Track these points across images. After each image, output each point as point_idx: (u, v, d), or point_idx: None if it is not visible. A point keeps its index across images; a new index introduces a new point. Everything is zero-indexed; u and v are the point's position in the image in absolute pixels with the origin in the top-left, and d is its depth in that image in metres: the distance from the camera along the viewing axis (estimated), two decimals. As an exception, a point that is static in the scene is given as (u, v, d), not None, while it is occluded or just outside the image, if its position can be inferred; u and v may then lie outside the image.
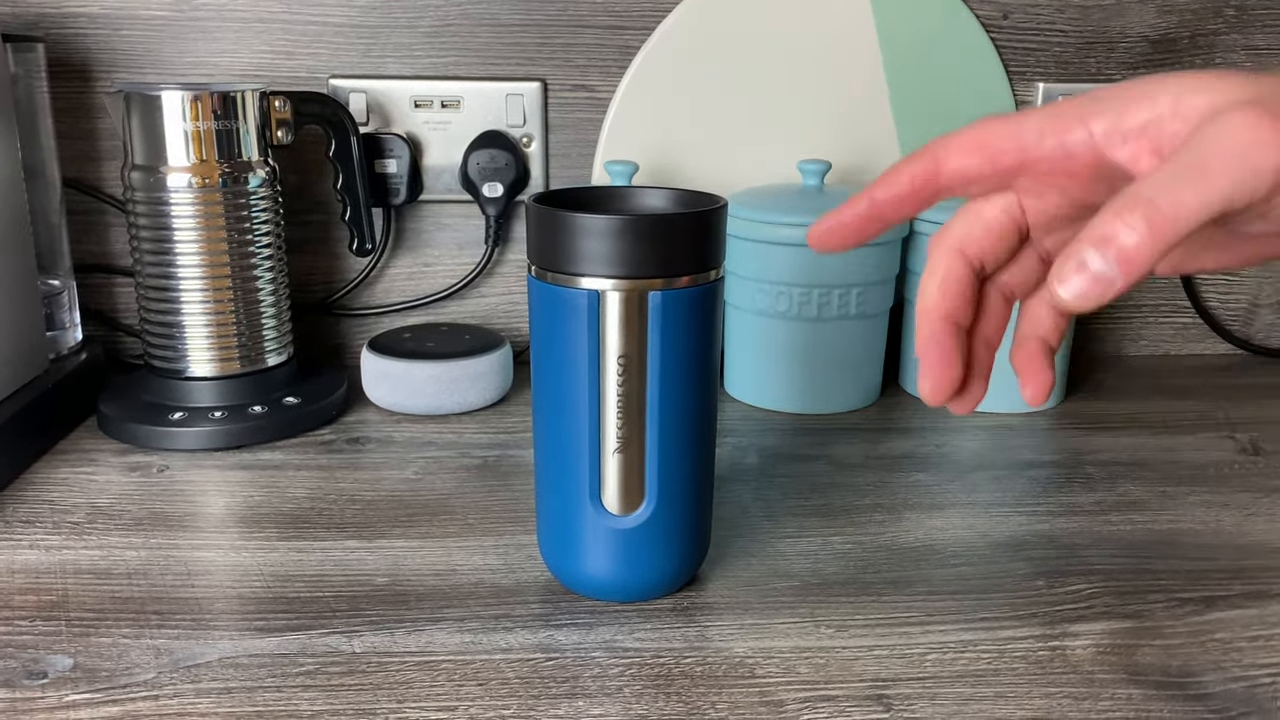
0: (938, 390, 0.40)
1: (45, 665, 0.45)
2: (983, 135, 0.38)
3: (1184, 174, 0.31)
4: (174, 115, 0.67)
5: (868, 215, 0.39)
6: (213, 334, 0.71)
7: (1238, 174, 0.31)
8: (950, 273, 0.40)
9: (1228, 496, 0.63)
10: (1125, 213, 0.31)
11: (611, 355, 0.46)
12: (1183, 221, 0.31)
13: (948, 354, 0.39)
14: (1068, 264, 0.31)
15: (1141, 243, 0.31)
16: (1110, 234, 0.31)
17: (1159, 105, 0.34)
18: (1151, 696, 0.43)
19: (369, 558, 0.54)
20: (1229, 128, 0.32)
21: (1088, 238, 0.31)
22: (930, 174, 0.38)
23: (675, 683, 0.44)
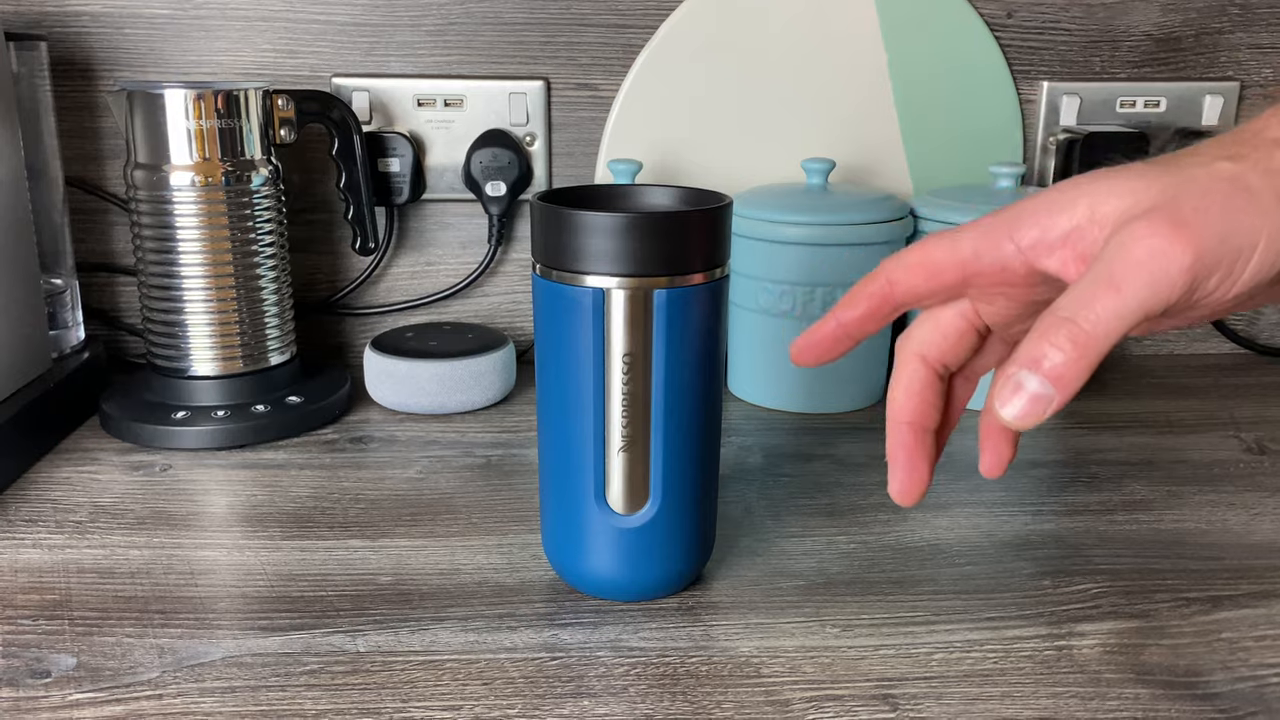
0: (905, 494, 0.43)
1: (49, 664, 0.44)
2: (925, 256, 0.40)
3: (1096, 290, 0.33)
4: (177, 114, 0.67)
5: (835, 335, 0.42)
6: (215, 333, 0.70)
7: (1145, 283, 0.33)
8: (914, 379, 0.42)
9: (1233, 496, 0.63)
10: (1050, 334, 0.33)
11: (616, 354, 0.45)
12: (1103, 336, 0.33)
13: (914, 458, 0.42)
14: (1005, 386, 0.34)
15: (1069, 360, 0.33)
16: (1039, 355, 0.33)
17: (1076, 214, 0.36)
18: (1159, 696, 0.43)
19: (373, 557, 0.54)
20: (1131, 239, 0.33)
21: (1020, 359, 0.34)
22: (885, 295, 0.41)
23: (681, 682, 0.44)
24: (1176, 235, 0.33)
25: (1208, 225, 0.33)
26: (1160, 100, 0.87)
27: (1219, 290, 0.34)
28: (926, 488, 0.43)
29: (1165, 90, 0.86)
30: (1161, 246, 0.33)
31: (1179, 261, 0.33)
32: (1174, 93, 0.87)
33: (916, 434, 0.42)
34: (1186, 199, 0.34)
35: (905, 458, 0.42)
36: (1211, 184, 0.34)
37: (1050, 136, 0.87)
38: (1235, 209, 0.34)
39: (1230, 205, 0.34)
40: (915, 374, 0.42)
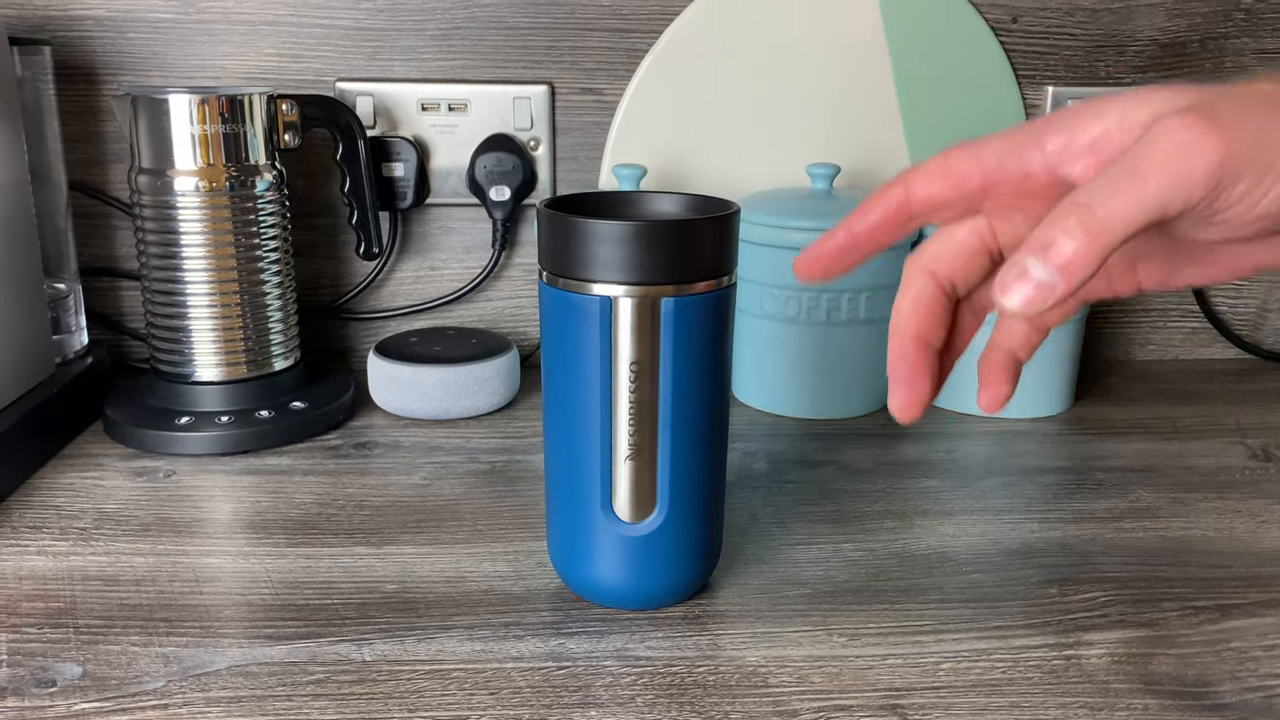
0: (906, 408, 0.41)
1: (54, 673, 0.44)
2: (946, 162, 0.39)
3: (1118, 179, 0.32)
4: (181, 119, 0.67)
5: (846, 246, 0.40)
6: (219, 338, 0.70)
7: (1170, 177, 0.31)
8: (921, 293, 0.41)
9: (1239, 503, 0.63)
10: (1062, 220, 0.32)
11: (624, 362, 0.45)
12: (1118, 227, 0.31)
13: (915, 372, 0.40)
14: (1010, 272, 0.32)
15: (1079, 248, 0.31)
16: (1049, 241, 0.32)
17: (1106, 120, 0.35)
18: (1168, 707, 0.43)
19: (378, 564, 0.54)
20: (1163, 133, 0.32)
21: (1028, 246, 0.32)
22: (901, 202, 0.39)
23: (688, 692, 0.44)
24: (1209, 130, 0.31)
25: (1244, 129, 0.32)
26: (1165, 105, 0.86)
27: (1242, 203, 0.33)
28: (927, 404, 0.41)
29: (1170, 95, 0.86)
30: (1192, 140, 0.31)
31: (1208, 156, 0.31)
32: (1179, 98, 0.86)
33: (920, 348, 0.40)
34: (1223, 103, 0.33)
35: (907, 372, 0.40)
36: (1250, 96, 0.33)
37: (1055, 141, 0.87)
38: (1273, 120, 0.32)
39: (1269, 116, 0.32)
40: (923, 289, 0.41)
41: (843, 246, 0.40)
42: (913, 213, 0.40)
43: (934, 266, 0.41)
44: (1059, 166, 0.36)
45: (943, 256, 0.41)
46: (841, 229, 0.40)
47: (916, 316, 0.40)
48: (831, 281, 0.42)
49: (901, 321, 0.41)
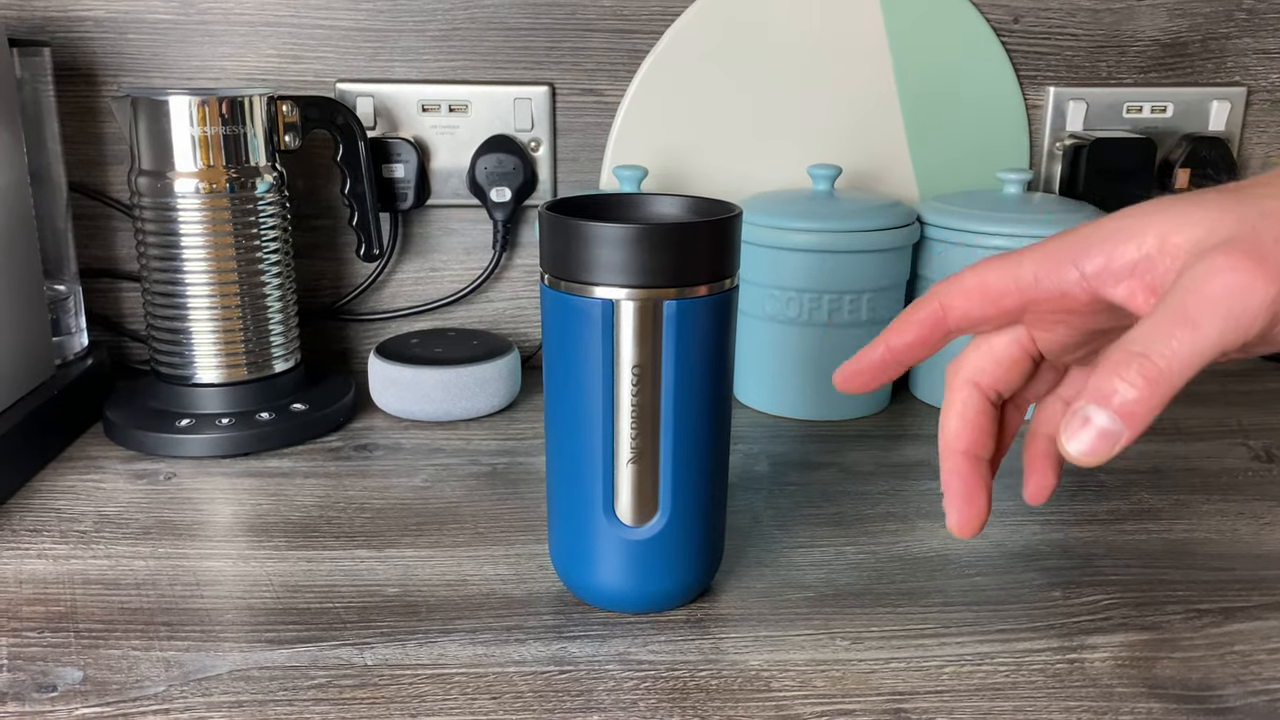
0: (964, 525, 0.41)
1: (54, 678, 0.44)
2: (983, 280, 0.39)
3: (1173, 325, 0.32)
4: (181, 120, 0.67)
5: (885, 361, 0.41)
6: (220, 340, 0.70)
7: (1224, 321, 0.32)
8: (968, 407, 0.41)
9: (1243, 505, 0.63)
10: (1122, 368, 0.32)
11: (626, 365, 0.45)
12: (1178, 373, 0.32)
13: (971, 488, 0.41)
14: (1074, 420, 0.32)
15: (1140, 397, 0.32)
16: (1110, 390, 0.32)
17: (1146, 244, 0.35)
18: (1172, 711, 0.43)
19: (379, 567, 0.54)
20: (1211, 273, 0.32)
21: (1090, 394, 0.32)
22: (938, 320, 0.40)
23: (690, 696, 0.44)
24: (1258, 270, 0.32)
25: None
26: (1167, 106, 0.86)
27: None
28: (986, 518, 0.41)
29: (1172, 96, 0.86)
30: (1242, 282, 0.32)
31: (1260, 297, 0.31)
32: (1181, 98, 0.86)
33: (973, 463, 0.41)
34: (1266, 230, 0.33)
35: (963, 487, 0.41)
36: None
37: (1057, 142, 0.87)
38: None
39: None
40: (969, 401, 0.41)
41: (880, 362, 0.41)
42: (949, 329, 0.40)
43: (977, 378, 0.41)
44: (1099, 289, 0.36)
45: (984, 368, 0.41)
46: (880, 345, 0.41)
47: (967, 431, 0.41)
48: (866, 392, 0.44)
49: (951, 438, 0.41)
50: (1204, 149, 0.85)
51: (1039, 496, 0.43)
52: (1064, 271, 0.37)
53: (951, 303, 0.40)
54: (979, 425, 0.41)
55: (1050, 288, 0.38)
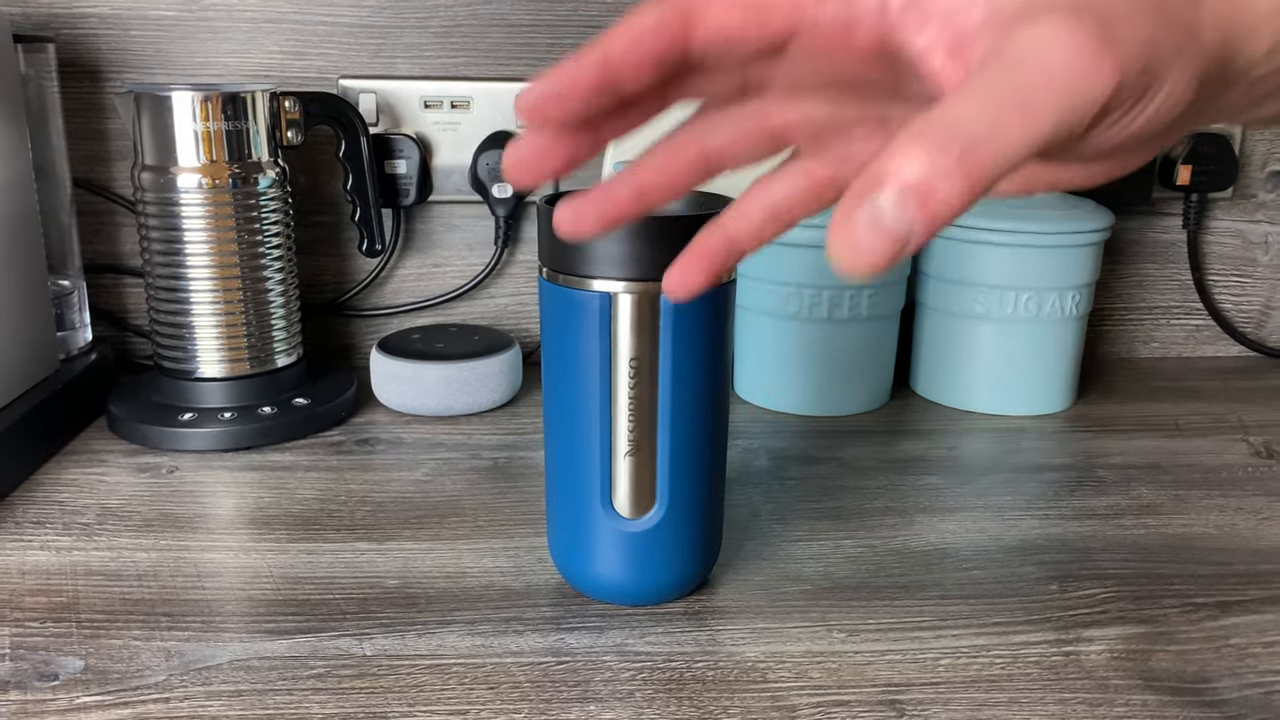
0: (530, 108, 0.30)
1: (56, 667, 0.45)
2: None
3: (1003, 104, 0.24)
4: (184, 116, 0.67)
5: (598, 78, 0.30)
6: (222, 335, 0.70)
7: (1059, 108, 0.24)
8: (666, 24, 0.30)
9: (1241, 500, 0.63)
10: (934, 151, 0.23)
11: (623, 358, 0.45)
12: (999, 167, 0.24)
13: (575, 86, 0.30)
14: (858, 209, 0.23)
15: (951, 189, 0.23)
16: (912, 177, 0.23)
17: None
18: (1167, 703, 0.43)
19: (379, 560, 0.54)
20: (1052, 45, 0.25)
21: (885, 177, 0.23)
22: (678, 32, 0.30)
23: (687, 687, 0.44)
24: (1105, 52, 0.25)
25: (1135, 43, 0.26)
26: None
27: (1109, 134, 0.27)
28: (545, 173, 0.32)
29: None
30: (1087, 65, 0.25)
31: (1102, 86, 0.25)
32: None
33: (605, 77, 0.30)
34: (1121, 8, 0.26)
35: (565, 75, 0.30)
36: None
37: (1058, 138, 0.86)
38: (1156, 35, 0.26)
39: (1153, 28, 0.26)
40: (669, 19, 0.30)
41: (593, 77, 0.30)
42: (694, 44, 0.30)
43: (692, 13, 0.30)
44: (898, 28, 0.29)
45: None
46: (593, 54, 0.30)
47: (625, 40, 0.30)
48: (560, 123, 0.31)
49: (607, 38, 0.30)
50: (1205, 145, 0.85)
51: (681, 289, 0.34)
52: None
53: (705, 8, 0.30)
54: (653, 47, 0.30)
55: (837, 11, 0.29)
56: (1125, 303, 0.92)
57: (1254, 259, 0.91)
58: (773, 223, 0.35)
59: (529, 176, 0.32)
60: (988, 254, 0.74)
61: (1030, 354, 0.76)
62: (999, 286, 0.74)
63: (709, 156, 0.35)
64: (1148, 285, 0.91)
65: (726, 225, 0.35)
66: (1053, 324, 0.75)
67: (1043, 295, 0.74)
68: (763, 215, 0.35)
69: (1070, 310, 0.75)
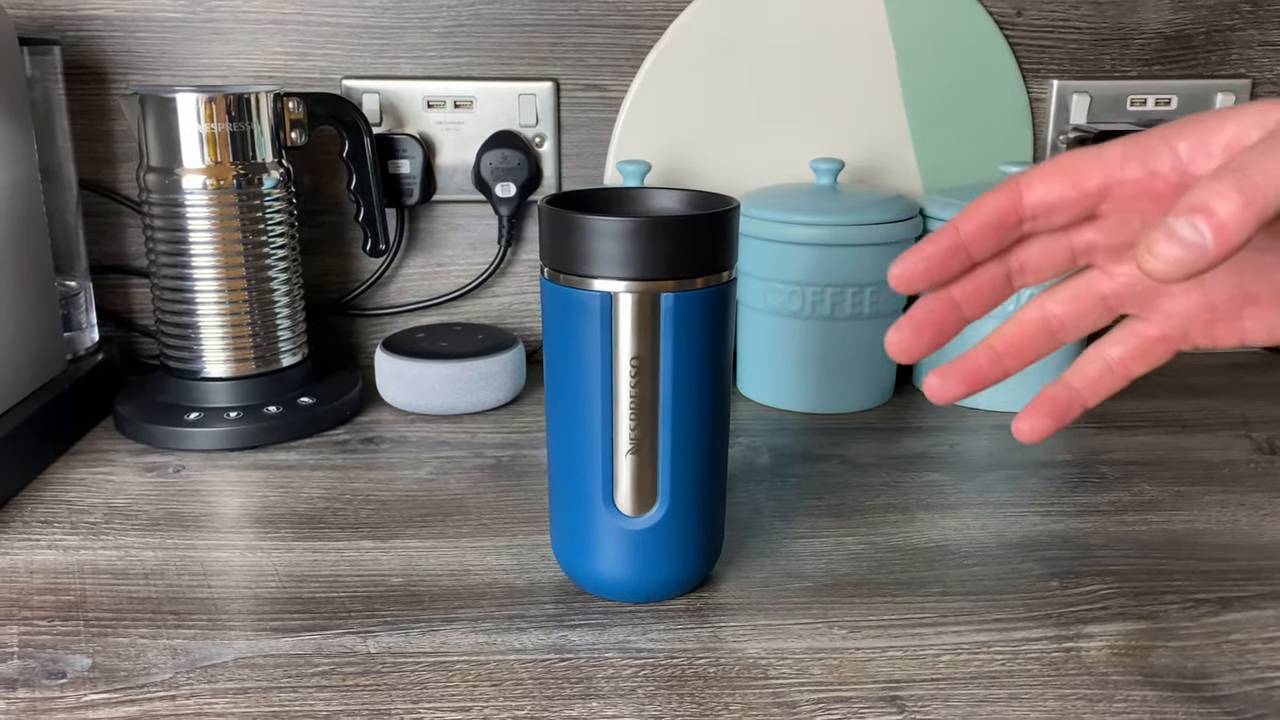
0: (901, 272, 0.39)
1: (64, 665, 0.45)
2: (1065, 161, 0.37)
3: (1267, 152, 0.31)
4: (189, 117, 0.67)
5: (951, 247, 0.38)
6: (228, 335, 0.71)
7: None
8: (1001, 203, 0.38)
9: (1244, 496, 0.63)
10: (1215, 183, 0.30)
11: (624, 357, 0.46)
12: (1275, 191, 0.30)
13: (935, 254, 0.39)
14: (1156, 233, 0.30)
15: (1235, 209, 0.30)
16: (1201, 203, 0.30)
17: (1244, 121, 0.34)
18: (1167, 699, 0.43)
19: (384, 558, 0.55)
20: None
21: (1177, 210, 0.30)
22: (1013, 202, 0.38)
23: (689, 684, 0.44)
24: None
25: None
26: (1171, 99, 0.86)
27: None
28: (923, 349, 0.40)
29: (1176, 88, 0.86)
30: None
31: None
32: (1185, 91, 0.86)
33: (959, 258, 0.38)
34: None
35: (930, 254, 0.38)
36: None
37: (1060, 135, 0.87)
38: None
39: None
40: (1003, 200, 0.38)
41: (948, 247, 0.38)
42: (1025, 214, 0.38)
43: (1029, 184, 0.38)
44: (1190, 166, 0.35)
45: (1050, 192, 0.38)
46: (948, 229, 0.38)
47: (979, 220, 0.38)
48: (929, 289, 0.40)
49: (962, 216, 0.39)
50: (1208, 141, 0.85)
51: (1029, 435, 0.41)
52: (1155, 151, 0.36)
53: (1030, 182, 0.37)
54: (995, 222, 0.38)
55: (1138, 169, 0.36)
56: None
57: (1257, 255, 0.91)
58: (1109, 377, 0.42)
59: (908, 353, 0.41)
60: (990, 251, 0.74)
61: (1033, 351, 0.76)
62: (1001, 283, 0.74)
63: (1051, 324, 0.41)
64: (1151, 281, 0.91)
65: (1071, 380, 0.42)
66: (1055, 321, 0.75)
67: (1045, 292, 0.74)
68: (1099, 371, 0.42)
69: (1072, 307, 0.75)
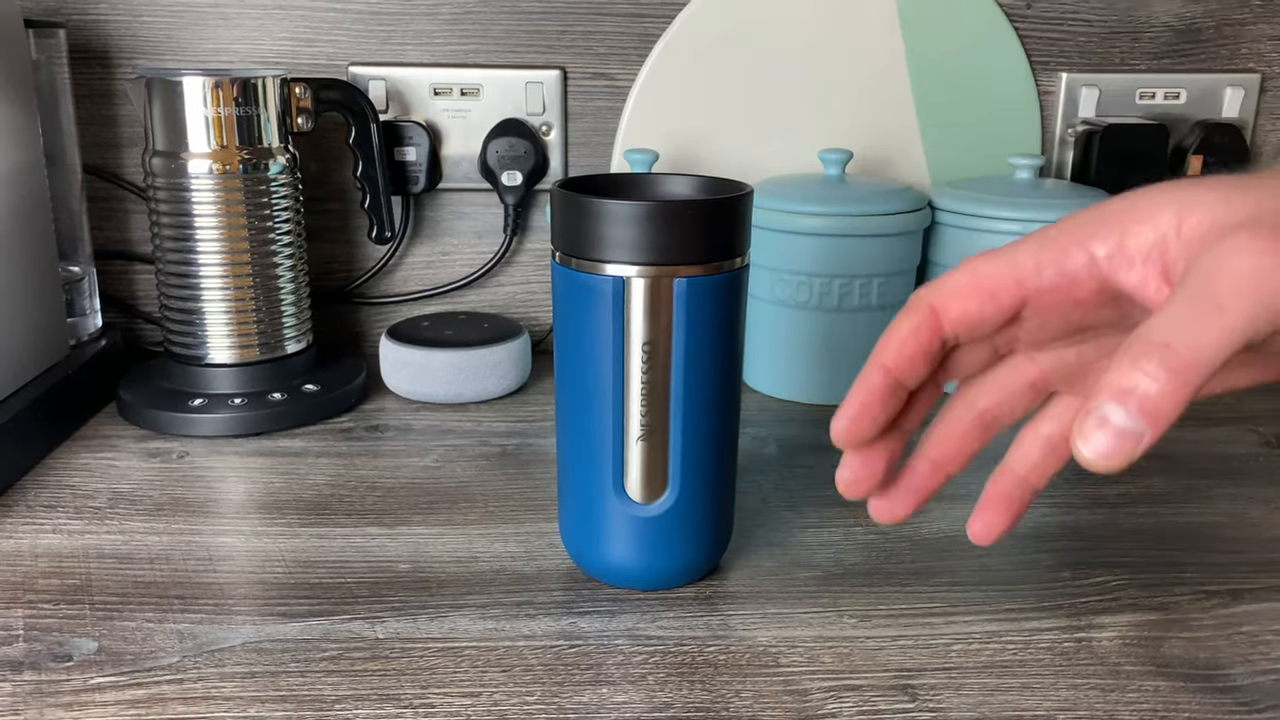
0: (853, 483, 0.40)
1: (70, 648, 0.45)
2: (976, 277, 0.36)
3: (1198, 311, 0.29)
4: (195, 101, 0.67)
5: (885, 387, 0.37)
6: (232, 321, 0.71)
7: (1253, 306, 0.29)
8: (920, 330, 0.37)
9: (1253, 490, 0.62)
10: (1142, 360, 0.29)
11: (636, 342, 0.45)
12: (1205, 364, 0.29)
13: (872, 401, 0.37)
14: (1088, 420, 0.29)
15: (1165, 391, 0.29)
16: (1130, 386, 0.29)
17: (1161, 224, 0.33)
18: (1179, 689, 0.43)
19: (390, 544, 0.54)
20: (1234, 254, 0.30)
21: (1106, 390, 0.29)
22: (933, 327, 0.37)
23: (699, 671, 0.44)
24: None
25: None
26: (1180, 92, 0.86)
27: None
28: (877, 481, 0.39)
29: (1186, 82, 0.86)
30: (1272, 263, 0.29)
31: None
32: (1195, 84, 0.86)
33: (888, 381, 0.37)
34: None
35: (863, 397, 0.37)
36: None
37: (1069, 128, 0.86)
38: None
39: None
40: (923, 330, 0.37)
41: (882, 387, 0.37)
42: (947, 336, 0.37)
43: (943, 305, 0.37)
44: (1111, 274, 0.34)
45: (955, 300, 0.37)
46: (874, 369, 0.37)
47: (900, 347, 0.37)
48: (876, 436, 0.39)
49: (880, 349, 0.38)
50: (1217, 136, 0.85)
51: (983, 536, 0.40)
52: (1071, 256, 0.34)
53: (944, 304, 0.36)
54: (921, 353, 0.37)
55: (1054, 276, 0.35)
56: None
57: (1265, 250, 0.91)
58: (1052, 456, 0.41)
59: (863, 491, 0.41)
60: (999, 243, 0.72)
61: (1040, 343, 0.76)
62: (1010, 275, 0.74)
63: (984, 418, 0.40)
64: (1158, 276, 0.91)
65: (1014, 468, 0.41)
66: (1063, 313, 0.75)
67: (1053, 284, 0.74)
68: (1041, 452, 0.41)
69: (1081, 300, 0.75)
